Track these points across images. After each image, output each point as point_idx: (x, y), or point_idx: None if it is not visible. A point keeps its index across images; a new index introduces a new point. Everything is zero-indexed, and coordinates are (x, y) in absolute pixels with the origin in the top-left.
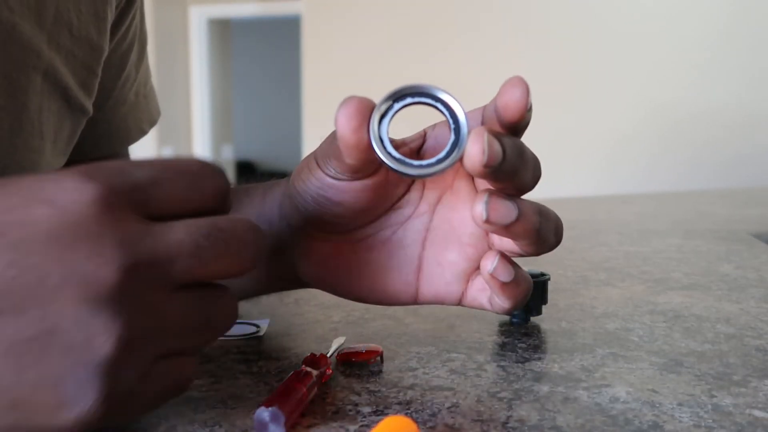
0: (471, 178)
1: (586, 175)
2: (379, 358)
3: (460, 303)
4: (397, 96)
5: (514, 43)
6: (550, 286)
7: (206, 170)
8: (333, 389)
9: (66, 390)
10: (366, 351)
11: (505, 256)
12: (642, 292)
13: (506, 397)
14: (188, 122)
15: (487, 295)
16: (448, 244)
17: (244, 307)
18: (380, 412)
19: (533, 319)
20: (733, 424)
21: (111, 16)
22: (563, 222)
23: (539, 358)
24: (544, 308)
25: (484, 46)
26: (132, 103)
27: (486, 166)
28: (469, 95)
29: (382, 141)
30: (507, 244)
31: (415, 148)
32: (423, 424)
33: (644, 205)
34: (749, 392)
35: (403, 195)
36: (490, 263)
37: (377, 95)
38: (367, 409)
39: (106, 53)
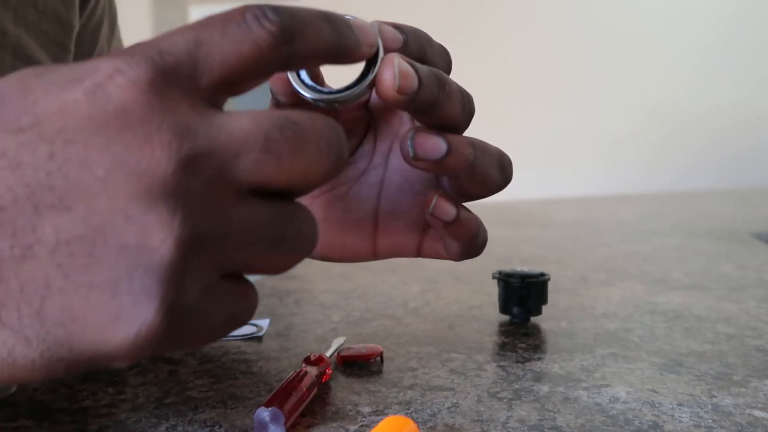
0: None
1: (586, 174)
2: (379, 358)
3: (418, 254)
4: None
5: (514, 44)
6: (550, 286)
7: (255, 12)
8: (333, 389)
9: (122, 298)
10: (366, 351)
11: (446, 195)
12: (642, 292)
13: (506, 397)
14: None
15: (442, 243)
16: (402, 193)
17: None
18: (380, 412)
19: (533, 319)
20: (733, 424)
21: None
22: (564, 222)
23: (539, 358)
24: (544, 308)
25: (483, 46)
26: None
27: (399, 91)
28: (468, 92)
29: (299, 73)
30: (455, 186)
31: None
32: (423, 424)
33: (644, 205)
34: (749, 392)
35: (356, 149)
36: (429, 203)
37: None
38: (367, 409)
39: (76, 29)
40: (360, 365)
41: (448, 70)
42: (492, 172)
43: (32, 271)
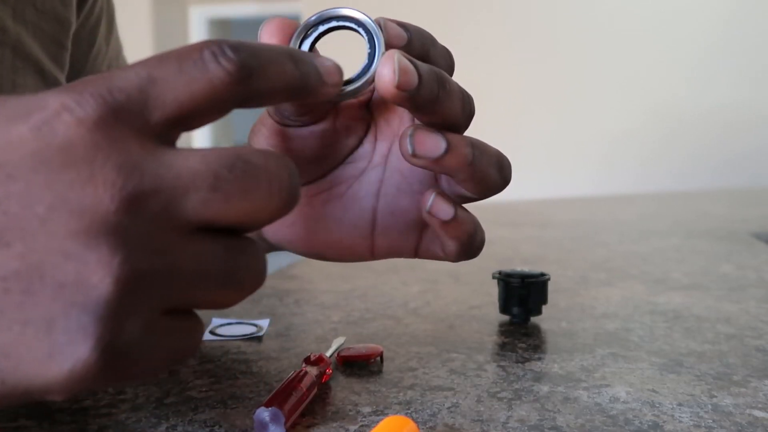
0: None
1: (585, 174)
2: (379, 358)
3: (416, 254)
4: (321, 20)
5: (514, 44)
6: (550, 286)
7: (212, 49)
8: (333, 389)
9: (57, 335)
10: (366, 351)
11: (443, 194)
12: (642, 292)
13: (506, 397)
14: None
15: (440, 244)
16: (400, 193)
17: (244, 306)
18: (380, 412)
19: (533, 319)
20: (733, 424)
21: None
22: (564, 222)
23: (539, 358)
24: (544, 308)
25: (483, 46)
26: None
27: (399, 87)
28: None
29: None
30: (454, 187)
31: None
32: (423, 424)
33: (644, 205)
34: (749, 392)
35: (356, 148)
36: (426, 201)
37: None
38: (367, 409)
39: (74, 27)
40: (360, 365)
41: (451, 71)
42: (491, 172)
43: None
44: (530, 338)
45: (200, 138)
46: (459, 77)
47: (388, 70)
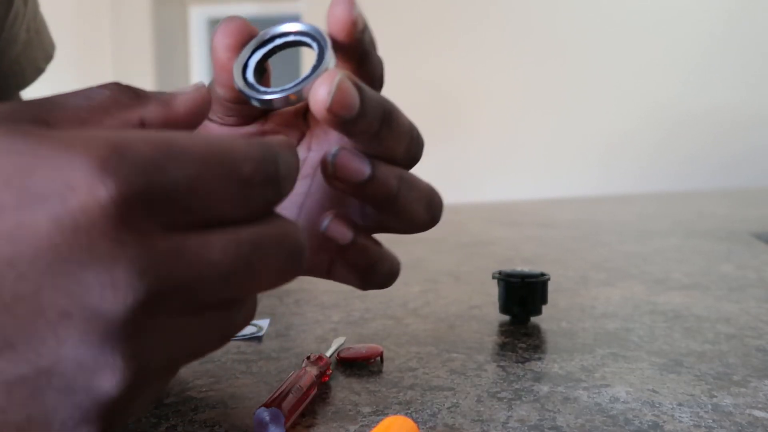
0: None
1: (584, 174)
2: (379, 358)
3: (328, 275)
4: (276, 35)
5: (513, 44)
6: (550, 286)
7: (260, 176)
8: (333, 389)
9: (59, 428)
10: (366, 351)
11: (343, 218)
12: (642, 292)
13: (506, 397)
14: None
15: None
16: (321, 210)
17: None
18: (380, 412)
19: (533, 319)
20: (733, 424)
21: None
22: (564, 222)
23: (539, 358)
24: (544, 308)
25: (482, 47)
26: (24, 41)
27: (330, 111)
28: (468, 95)
29: (245, 68)
30: (377, 216)
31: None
32: (423, 424)
33: (644, 205)
34: (749, 392)
35: None
36: (323, 222)
37: None
38: (367, 409)
39: None
40: (360, 365)
41: (380, 83)
42: (416, 209)
43: None
44: (530, 338)
45: None
46: (459, 79)
47: (322, 91)
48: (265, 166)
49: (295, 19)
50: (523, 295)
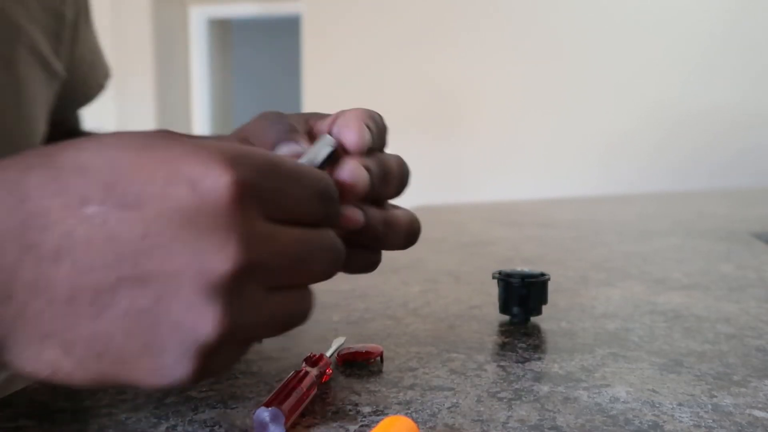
0: None
1: (584, 174)
2: (379, 358)
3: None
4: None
5: (514, 44)
6: (550, 286)
7: (331, 194)
8: (333, 389)
9: (165, 360)
10: (366, 351)
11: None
12: (642, 292)
13: (506, 397)
14: (188, 122)
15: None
16: None
17: None
18: (380, 412)
19: (533, 319)
20: (733, 424)
21: None
22: (564, 222)
23: (539, 358)
24: (544, 308)
25: (483, 47)
26: (89, 61)
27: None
28: (468, 95)
29: None
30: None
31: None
32: (423, 424)
33: (644, 205)
34: (749, 392)
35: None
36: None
37: (377, 95)
38: (367, 409)
39: (68, 19)
40: (360, 365)
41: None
42: (397, 241)
43: (102, 328)
44: (530, 338)
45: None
46: (459, 78)
47: (348, 176)
48: (331, 189)
49: (294, 18)
50: (523, 295)
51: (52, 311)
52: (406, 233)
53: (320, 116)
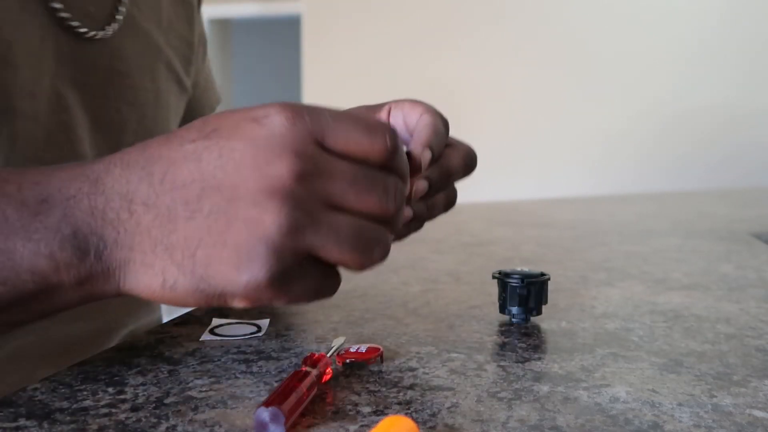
0: None
1: (583, 174)
2: (379, 358)
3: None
4: None
5: (512, 45)
6: (550, 286)
7: (381, 128)
8: (333, 389)
9: (242, 255)
10: (366, 351)
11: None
12: (642, 292)
13: (506, 397)
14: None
15: None
16: None
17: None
18: (380, 412)
19: (533, 319)
20: (733, 424)
21: (196, 16)
22: (564, 222)
23: (539, 358)
24: (544, 308)
25: (482, 47)
26: (203, 87)
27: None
28: (467, 94)
29: None
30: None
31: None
32: (423, 424)
33: (644, 205)
34: (749, 392)
35: None
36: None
37: (376, 95)
38: (367, 409)
39: (195, 46)
40: (360, 365)
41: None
42: (438, 213)
43: (194, 228)
44: (530, 338)
45: None
46: (459, 78)
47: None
48: (385, 125)
49: (294, 18)
50: (523, 295)
51: (159, 221)
52: (445, 205)
53: (373, 108)
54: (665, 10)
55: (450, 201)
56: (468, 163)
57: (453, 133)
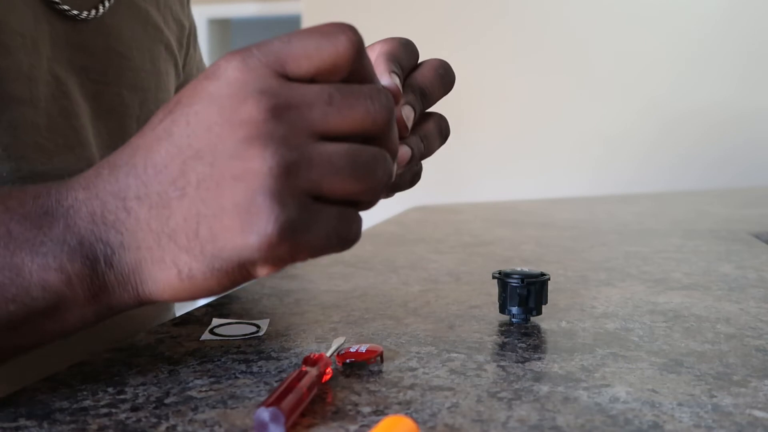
0: None
1: (579, 173)
2: (379, 358)
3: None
4: None
5: (512, 45)
6: (550, 286)
7: (337, 27)
8: (333, 389)
9: (242, 215)
10: (366, 351)
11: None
12: (642, 292)
13: (506, 397)
14: None
15: None
16: None
17: (244, 307)
18: (380, 412)
19: (533, 319)
20: (733, 424)
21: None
22: (564, 222)
23: (539, 358)
24: (544, 308)
25: (482, 47)
26: (195, 76)
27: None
28: (468, 95)
29: None
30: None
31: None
32: (423, 424)
33: (644, 205)
34: (749, 392)
35: None
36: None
37: None
38: (367, 409)
39: (187, 29)
40: (360, 365)
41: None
42: (433, 149)
43: (188, 205)
44: (530, 338)
45: None
46: (458, 80)
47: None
48: (340, 23)
49: (294, 18)
50: (523, 295)
51: (155, 211)
52: (439, 135)
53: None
54: (665, 10)
55: (442, 129)
56: (441, 73)
57: (453, 133)
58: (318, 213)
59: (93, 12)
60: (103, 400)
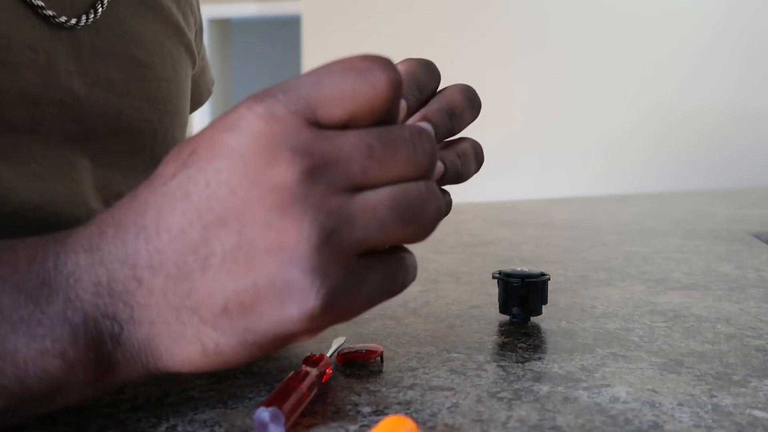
0: None
1: (581, 174)
2: (379, 358)
3: None
4: None
5: (513, 45)
6: (550, 286)
7: (373, 64)
8: (333, 389)
9: (279, 287)
10: (366, 351)
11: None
12: (642, 292)
13: (506, 397)
14: (188, 123)
15: None
16: None
17: None
18: (380, 412)
19: (533, 319)
20: (733, 424)
21: None
22: (564, 222)
23: (539, 358)
24: (544, 308)
25: (482, 48)
26: (200, 67)
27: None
28: None
29: None
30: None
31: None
32: (423, 424)
33: (644, 205)
34: (749, 392)
35: None
36: None
37: None
38: (367, 409)
39: (197, 24)
40: (360, 365)
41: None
42: (471, 170)
43: (212, 278)
44: (530, 338)
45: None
46: (458, 80)
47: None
48: (376, 57)
49: (294, 18)
50: (523, 295)
51: (173, 283)
52: (475, 158)
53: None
54: (666, 11)
55: (477, 153)
56: (470, 96)
57: None
58: (364, 272)
59: (84, 18)
60: (103, 400)
